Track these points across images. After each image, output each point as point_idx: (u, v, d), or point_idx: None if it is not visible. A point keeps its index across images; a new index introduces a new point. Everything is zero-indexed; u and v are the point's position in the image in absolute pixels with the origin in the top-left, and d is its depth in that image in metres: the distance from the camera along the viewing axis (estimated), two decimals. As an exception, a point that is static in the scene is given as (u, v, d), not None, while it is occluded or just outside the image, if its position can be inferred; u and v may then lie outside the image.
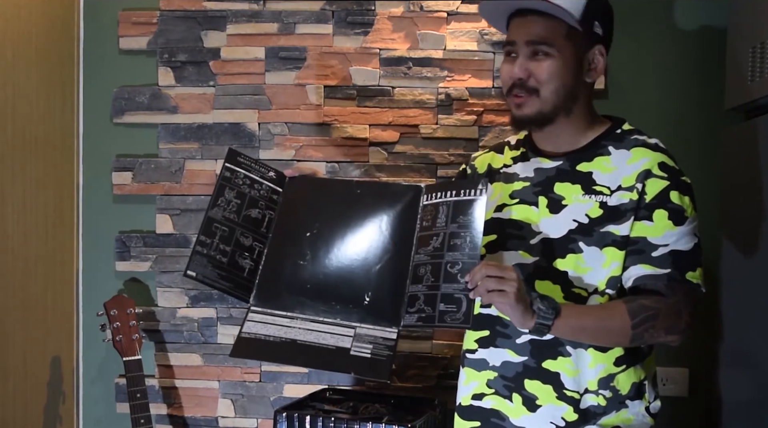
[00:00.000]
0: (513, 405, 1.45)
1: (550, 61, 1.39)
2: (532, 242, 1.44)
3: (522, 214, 1.47)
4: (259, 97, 2.23)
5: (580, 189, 1.43)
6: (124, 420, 2.16)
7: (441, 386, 2.18)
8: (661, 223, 1.38)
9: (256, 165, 1.62)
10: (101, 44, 2.29)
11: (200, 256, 1.47)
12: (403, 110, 2.20)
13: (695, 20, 2.14)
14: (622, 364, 1.42)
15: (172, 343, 2.26)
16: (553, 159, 1.47)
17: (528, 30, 1.39)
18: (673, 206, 1.38)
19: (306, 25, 2.22)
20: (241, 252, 1.51)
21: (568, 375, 1.41)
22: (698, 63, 2.14)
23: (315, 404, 1.99)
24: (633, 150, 1.43)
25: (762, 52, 1.76)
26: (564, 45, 1.39)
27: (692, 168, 2.17)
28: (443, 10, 2.18)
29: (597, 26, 1.42)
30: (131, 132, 2.29)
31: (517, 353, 1.44)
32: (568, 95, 1.41)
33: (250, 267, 1.51)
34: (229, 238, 1.51)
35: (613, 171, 1.42)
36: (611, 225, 1.39)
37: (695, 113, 2.14)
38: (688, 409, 2.11)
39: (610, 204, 1.40)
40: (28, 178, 2.04)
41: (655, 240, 1.38)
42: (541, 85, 1.39)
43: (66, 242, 2.25)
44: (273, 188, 1.60)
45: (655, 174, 1.39)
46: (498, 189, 1.53)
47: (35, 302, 2.08)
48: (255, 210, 1.56)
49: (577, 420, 1.42)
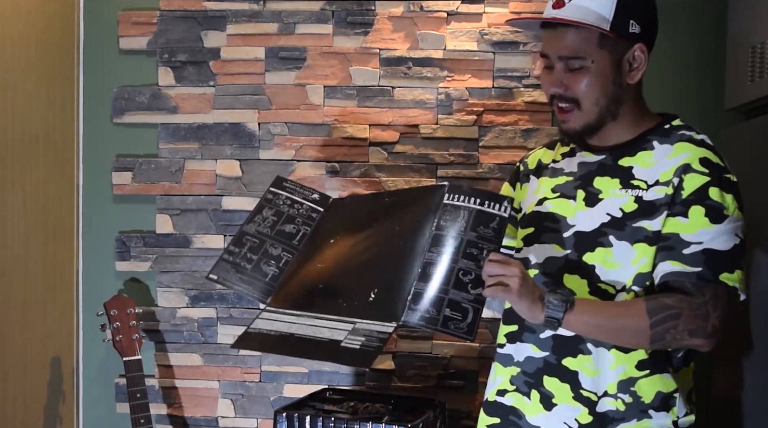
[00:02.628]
0: (530, 403, 1.42)
1: (586, 74, 1.34)
2: (565, 235, 1.41)
3: (559, 207, 1.44)
4: (259, 97, 2.23)
5: (618, 183, 1.38)
6: (124, 420, 2.16)
7: (441, 386, 2.18)
8: (697, 220, 1.31)
9: (300, 189, 1.74)
10: (101, 44, 2.29)
11: (225, 263, 1.59)
12: (403, 110, 2.20)
13: (695, 20, 2.14)
14: (645, 369, 1.36)
15: (172, 343, 2.26)
16: (597, 153, 1.43)
17: (559, 44, 1.35)
18: (711, 203, 1.31)
19: (306, 25, 2.22)
20: (267, 260, 1.61)
21: (586, 374, 1.37)
22: (698, 63, 2.14)
23: (315, 404, 1.99)
24: (676, 145, 1.37)
25: (762, 52, 1.76)
26: (598, 54, 1.33)
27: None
28: (443, 10, 2.18)
29: (633, 25, 1.34)
30: (131, 132, 2.29)
31: (540, 348, 1.41)
32: (611, 102, 1.37)
33: (273, 273, 1.59)
34: (258, 249, 1.61)
35: (653, 165, 1.37)
36: (644, 220, 1.34)
37: (695, 113, 2.14)
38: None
39: (646, 199, 1.35)
40: (28, 178, 2.04)
41: (688, 237, 1.31)
42: (580, 98, 1.36)
43: (66, 242, 2.25)
44: (313, 207, 1.70)
45: (694, 169, 1.33)
46: (543, 184, 1.50)
47: (35, 302, 2.08)
48: (290, 225, 1.66)
49: (591, 422, 1.37)
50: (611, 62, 1.35)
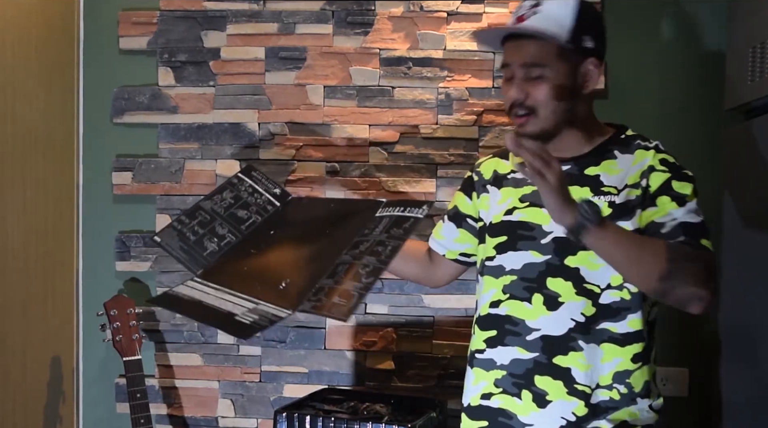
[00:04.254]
0: (522, 403, 1.47)
1: (545, 82, 1.44)
2: (543, 241, 1.48)
3: (532, 216, 1.51)
4: (259, 97, 2.23)
5: (589, 191, 1.47)
6: (124, 420, 2.16)
7: (441, 386, 2.18)
8: (664, 205, 1.43)
9: (265, 180, 1.80)
10: (101, 44, 2.29)
11: (173, 230, 1.68)
12: (403, 110, 2.20)
13: (695, 20, 2.14)
14: (639, 361, 1.45)
15: (172, 343, 2.26)
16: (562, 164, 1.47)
17: (521, 53, 1.45)
18: (675, 193, 1.44)
19: (306, 25, 2.22)
20: (211, 237, 1.67)
21: (580, 369, 1.44)
22: (698, 63, 2.14)
23: (315, 404, 1.99)
24: (636, 152, 1.49)
25: (762, 52, 1.76)
26: (556, 64, 1.43)
27: (692, 168, 2.17)
28: (443, 10, 2.18)
29: (587, 40, 1.46)
30: (131, 132, 2.29)
31: (527, 350, 1.47)
32: (567, 110, 1.46)
33: (213, 250, 1.66)
34: (207, 225, 1.69)
35: (620, 173, 1.47)
36: (621, 221, 1.43)
37: (695, 113, 2.15)
38: (688, 409, 2.11)
39: (618, 202, 1.45)
40: (28, 178, 2.04)
41: (662, 219, 1.42)
42: (538, 105, 1.44)
43: (66, 242, 2.25)
44: (271, 200, 1.77)
45: (657, 169, 1.46)
46: (507, 194, 1.57)
47: (35, 302, 2.08)
48: (244, 211, 1.73)
49: (587, 414, 1.44)
50: (567, 73, 1.45)
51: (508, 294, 1.51)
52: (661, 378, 2.02)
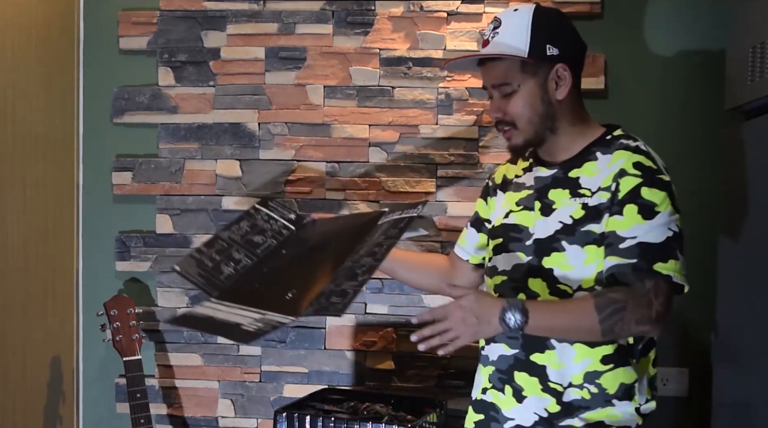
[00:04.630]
0: (505, 397, 1.53)
1: (515, 98, 1.51)
2: (527, 243, 1.54)
3: (522, 219, 1.57)
4: (259, 97, 2.23)
5: (568, 193, 1.51)
6: (124, 420, 2.16)
7: (441, 386, 2.18)
8: (630, 217, 1.43)
9: (281, 208, 1.86)
10: (101, 44, 2.29)
11: (192, 258, 1.70)
12: (403, 110, 2.20)
13: (695, 20, 2.14)
14: (609, 363, 1.46)
15: (172, 343, 2.26)
16: (550, 168, 1.56)
17: (489, 75, 1.54)
18: (643, 202, 1.43)
19: (306, 25, 2.22)
20: (228, 261, 1.71)
21: (553, 367, 1.48)
22: (698, 63, 2.14)
23: (315, 404, 1.99)
24: (615, 153, 1.50)
25: (762, 52, 1.76)
26: (522, 78, 1.50)
27: (692, 168, 2.18)
28: (443, 10, 2.18)
29: (550, 49, 1.49)
30: (131, 132, 2.29)
31: (510, 346, 1.52)
32: (545, 118, 1.52)
33: (229, 273, 1.69)
34: (224, 251, 1.72)
35: (597, 174, 1.50)
36: (591, 224, 1.46)
37: (695, 113, 2.14)
38: (688, 409, 2.11)
39: (590, 204, 1.47)
40: (28, 178, 2.04)
41: (623, 233, 1.43)
42: (515, 118, 1.52)
43: (66, 242, 2.25)
44: (286, 225, 1.81)
45: (628, 173, 1.45)
46: (509, 198, 1.63)
47: (35, 302, 2.08)
48: (259, 236, 1.77)
49: (559, 412, 1.47)
50: (536, 84, 1.50)
51: (498, 294, 1.57)
52: (661, 378, 2.02)
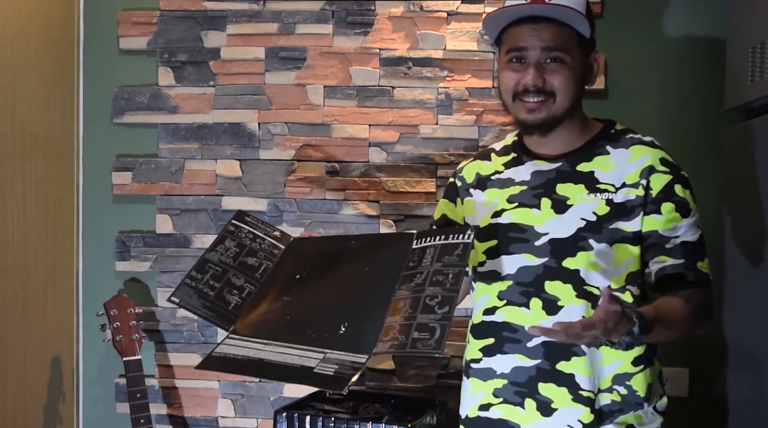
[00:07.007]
0: (525, 412, 1.44)
1: (566, 68, 1.40)
2: (537, 243, 1.44)
3: (522, 217, 1.47)
4: (259, 97, 2.23)
5: (584, 188, 1.43)
6: (124, 420, 2.16)
7: (441, 386, 2.18)
8: (670, 216, 1.41)
9: (262, 225, 1.75)
10: (101, 44, 2.29)
11: (188, 287, 1.59)
12: (403, 110, 2.20)
13: (695, 20, 2.14)
14: (640, 364, 1.43)
15: (172, 343, 2.26)
16: (552, 161, 1.48)
17: (543, 36, 1.39)
18: (678, 199, 1.41)
19: (306, 25, 2.22)
20: (230, 289, 1.62)
21: (583, 374, 1.40)
22: (698, 63, 2.14)
23: (315, 404, 1.99)
24: (632, 148, 1.45)
25: (762, 52, 1.76)
26: (576, 52, 1.41)
27: (692, 168, 2.17)
28: (443, 10, 2.18)
29: (593, 32, 1.46)
30: (131, 132, 2.29)
31: (529, 357, 1.43)
32: (576, 100, 1.45)
33: (236, 303, 1.60)
34: (221, 277, 1.62)
35: (616, 169, 1.44)
36: (620, 222, 1.41)
37: (695, 113, 2.14)
38: (688, 409, 2.11)
39: (617, 201, 1.41)
40: (28, 178, 2.04)
41: (666, 233, 1.41)
42: (557, 91, 1.41)
43: (66, 242, 2.25)
44: (275, 244, 1.72)
45: (658, 169, 1.42)
46: (493, 195, 1.53)
47: (35, 302, 2.08)
48: (252, 258, 1.68)
49: (593, 421, 1.41)
50: (582, 62, 1.44)
51: (505, 300, 1.46)
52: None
